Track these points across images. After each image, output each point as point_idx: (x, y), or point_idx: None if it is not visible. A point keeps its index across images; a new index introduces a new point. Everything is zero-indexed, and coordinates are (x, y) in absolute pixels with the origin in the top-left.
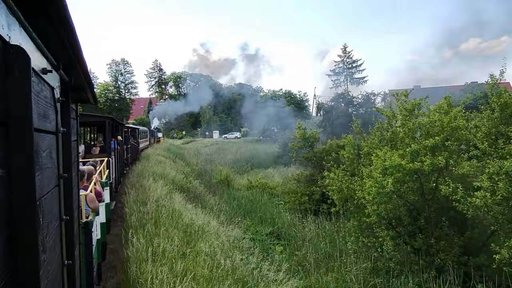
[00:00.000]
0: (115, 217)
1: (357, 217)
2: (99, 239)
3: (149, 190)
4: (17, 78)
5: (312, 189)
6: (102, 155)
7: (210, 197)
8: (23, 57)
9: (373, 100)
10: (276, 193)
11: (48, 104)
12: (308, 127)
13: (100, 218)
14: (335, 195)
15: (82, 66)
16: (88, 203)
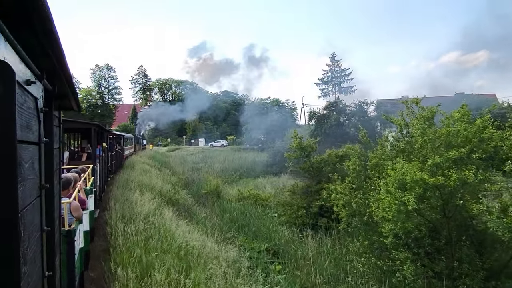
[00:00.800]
0: (98, 225)
1: (367, 235)
2: (82, 248)
3: (136, 204)
4: (1, 93)
5: (310, 202)
6: (88, 162)
7: (199, 209)
8: (7, 72)
9: (366, 109)
10: (268, 204)
11: (31, 114)
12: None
13: (84, 226)
14: (342, 211)
15: (66, 75)
16: (72, 211)
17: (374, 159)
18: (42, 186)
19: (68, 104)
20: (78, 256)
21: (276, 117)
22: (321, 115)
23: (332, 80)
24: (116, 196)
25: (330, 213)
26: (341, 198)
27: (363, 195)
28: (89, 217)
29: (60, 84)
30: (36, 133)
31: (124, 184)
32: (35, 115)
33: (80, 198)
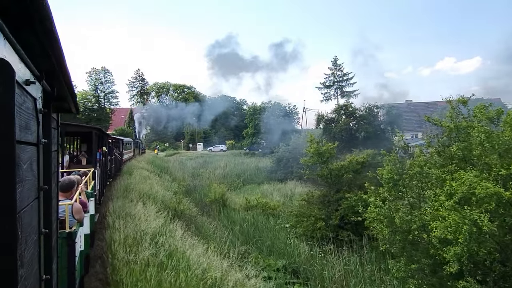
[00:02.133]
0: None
1: (414, 257)
2: (82, 251)
3: (139, 219)
4: (1, 92)
5: (328, 213)
6: (88, 166)
7: (205, 220)
8: (7, 71)
9: (376, 112)
10: (278, 214)
11: (30, 115)
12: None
13: (84, 229)
14: (384, 229)
15: (65, 77)
16: (73, 213)
17: (416, 167)
18: (40, 188)
19: (66, 107)
20: (79, 259)
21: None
22: (330, 119)
23: (334, 84)
24: (116, 210)
25: (353, 225)
26: (380, 213)
27: (411, 209)
28: (90, 221)
29: (59, 86)
30: (34, 134)
31: (124, 194)
32: (34, 116)
33: (82, 201)
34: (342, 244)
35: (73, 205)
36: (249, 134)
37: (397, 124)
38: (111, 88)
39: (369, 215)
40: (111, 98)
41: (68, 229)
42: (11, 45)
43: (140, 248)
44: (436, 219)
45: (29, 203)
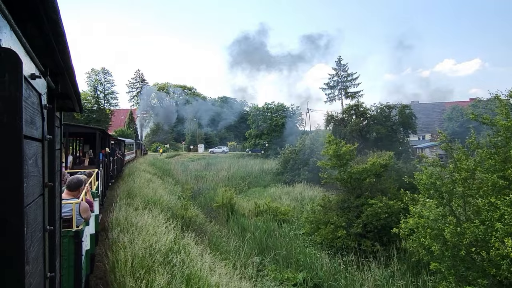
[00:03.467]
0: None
1: (470, 277)
2: (88, 250)
3: (147, 233)
4: (7, 82)
5: (349, 220)
6: (91, 166)
7: (214, 226)
8: (14, 61)
9: (388, 112)
10: (290, 219)
11: (35, 110)
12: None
13: (90, 229)
14: (433, 244)
15: (70, 74)
16: (80, 212)
17: (463, 172)
18: (45, 185)
19: (70, 105)
20: (85, 257)
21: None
22: (340, 119)
23: (338, 85)
24: (121, 220)
25: (375, 234)
26: (430, 225)
27: (458, 220)
28: (95, 220)
29: (64, 83)
30: (39, 129)
31: (128, 200)
32: (39, 111)
33: (88, 200)
34: (364, 254)
35: (81, 204)
36: (252, 135)
37: (410, 125)
38: (110, 89)
39: (406, 226)
40: (111, 99)
41: (75, 227)
42: (17, 37)
43: (152, 274)
44: (503, 234)
45: (34, 199)
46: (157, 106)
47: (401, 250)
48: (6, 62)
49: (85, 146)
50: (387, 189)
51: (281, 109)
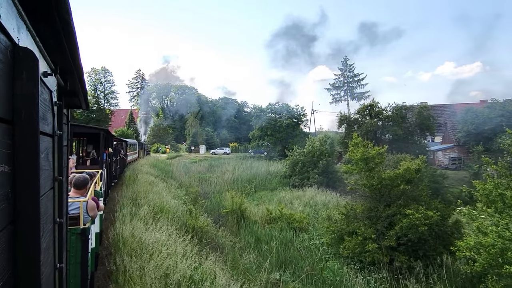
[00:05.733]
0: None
1: None
2: (93, 248)
3: (159, 255)
4: (25, 80)
5: (377, 231)
6: (94, 166)
7: (225, 235)
8: (31, 60)
9: (405, 113)
10: (305, 227)
11: (47, 107)
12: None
13: (95, 228)
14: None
15: (78, 72)
16: (88, 210)
17: None
18: (55, 179)
19: (77, 102)
20: (90, 255)
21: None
22: (353, 120)
23: (344, 86)
24: (126, 238)
25: (408, 247)
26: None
27: None
28: (100, 220)
29: (72, 81)
30: (50, 125)
31: (132, 209)
32: (50, 108)
33: (94, 199)
34: (396, 270)
35: (88, 202)
36: (255, 137)
37: (428, 126)
38: (111, 89)
39: (466, 245)
40: (111, 99)
41: (82, 225)
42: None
43: None
44: None
45: (45, 192)
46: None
47: (444, 267)
48: (24, 60)
49: (88, 146)
50: (420, 197)
51: (285, 110)
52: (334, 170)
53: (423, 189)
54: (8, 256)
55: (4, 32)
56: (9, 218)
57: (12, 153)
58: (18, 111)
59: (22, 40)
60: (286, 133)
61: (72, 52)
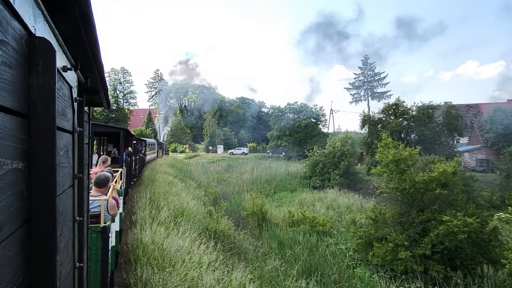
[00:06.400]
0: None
1: None
2: (113, 246)
3: (182, 265)
4: (41, 71)
5: (410, 237)
6: (114, 165)
7: (246, 239)
8: (48, 50)
9: (431, 113)
10: (328, 231)
11: (67, 102)
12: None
13: (115, 226)
14: None
15: (99, 68)
16: (108, 209)
17: None
18: (75, 176)
19: (98, 100)
20: (111, 253)
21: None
22: (377, 120)
23: (364, 85)
24: (146, 245)
25: (443, 255)
26: None
27: None
28: (119, 218)
29: (93, 77)
30: (70, 121)
31: (152, 212)
32: (70, 104)
33: (114, 198)
34: (431, 280)
35: (108, 200)
36: (273, 137)
37: (457, 127)
38: (129, 89)
39: None
40: (130, 99)
41: (103, 223)
42: (50, 28)
43: None
44: None
45: (65, 190)
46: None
47: (486, 278)
48: (40, 50)
49: (108, 145)
50: (455, 202)
51: (304, 109)
52: (356, 171)
53: (458, 193)
54: (23, 256)
55: (18, 20)
56: (24, 217)
57: (28, 148)
58: (34, 104)
59: (39, 30)
60: (305, 133)
61: (92, 47)
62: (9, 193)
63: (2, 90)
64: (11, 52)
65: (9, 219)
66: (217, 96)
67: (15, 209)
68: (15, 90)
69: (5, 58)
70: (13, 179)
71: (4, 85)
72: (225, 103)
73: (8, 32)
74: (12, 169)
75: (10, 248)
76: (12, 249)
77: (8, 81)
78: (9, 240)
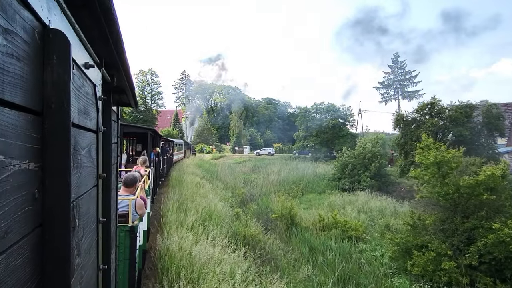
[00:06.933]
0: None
1: None
2: (141, 246)
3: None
4: (55, 65)
5: (453, 245)
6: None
7: (276, 243)
8: (62, 42)
9: (470, 112)
10: (361, 237)
11: (90, 101)
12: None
13: (143, 225)
14: None
15: (124, 67)
16: (136, 208)
17: None
18: (99, 176)
19: (125, 100)
20: (138, 252)
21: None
22: (411, 119)
23: (394, 84)
24: (173, 252)
25: (491, 266)
26: None
27: None
28: (147, 217)
29: (119, 77)
30: (94, 120)
31: (178, 216)
32: (93, 102)
33: (142, 197)
34: None
35: (136, 200)
36: (300, 137)
37: (498, 126)
38: (157, 90)
39: None
40: (157, 100)
41: (131, 223)
42: (70, 23)
43: None
44: None
45: (87, 190)
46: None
47: None
48: (54, 43)
49: (137, 146)
50: (503, 208)
51: (331, 110)
52: (387, 173)
53: (507, 198)
54: (35, 262)
55: (29, 9)
56: (36, 222)
57: (40, 148)
58: (48, 101)
59: (54, 22)
60: (332, 134)
61: (116, 44)
62: (15, 196)
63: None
64: (20, 43)
65: (16, 224)
66: (243, 97)
67: (24, 213)
68: (25, 85)
69: (11, 49)
70: (21, 180)
71: (10, 79)
72: (251, 104)
73: (16, 21)
74: (21, 170)
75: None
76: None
77: (15, 75)
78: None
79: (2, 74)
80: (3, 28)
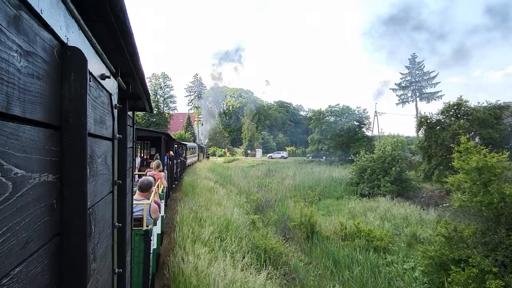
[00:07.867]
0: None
1: None
2: (155, 249)
3: None
4: (73, 81)
5: (498, 260)
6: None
7: (297, 255)
8: (80, 59)
9: (499, 113)
10: (387, 247)
11: (106, 110)
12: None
13: (157, 229)
14: None
15: (139, 75)
16: (151, 213)
17: None
18: (114, 182)
19: (140, 105)
20: (152, 256)
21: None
22: (436, 121)
23: (411, 85)
24: (187, 277)
25: None
26: None
27: None
28: (161, 221)
29: (134, 83)
30: (110, 129)
31: (196, 230)
32: (109, 111)
33: (156, 201)
34: None
35: (151, 204)
36: (314, 140)
37: None
38: (169, 93)
39: None
40: (170, 103)
41: (145, 227)
42: (86, 37)
43: None
44: None
45: (103, 197)
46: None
47: None
48: (71, 60)
49: (151, 149)
50: None
51: (346, 112)
52: (408, 178)
53: None
54: (53, 270)
55: (48, 30)
56: (55, 231)
57: (58, 161)
58: (66, 115)
59: (72, 39)
60: (348, 137)
61: (131, 54)
62: (35, 208)
63: (28, 102)
64: (40, 63)
65: (36, 234)
66: (255, 100)
67: (44, 223)
68: (44, 102)
69: (32, 70)
70: (41, 192)
71: (30, 97)
72: (263, 107)
73: (37, 43)
74: (40, 182)
75: (36, 264)
76: (39, 265)
77: (35, 93)
78: (36, 256)
79: (23, 94)
80: (25, 51)
